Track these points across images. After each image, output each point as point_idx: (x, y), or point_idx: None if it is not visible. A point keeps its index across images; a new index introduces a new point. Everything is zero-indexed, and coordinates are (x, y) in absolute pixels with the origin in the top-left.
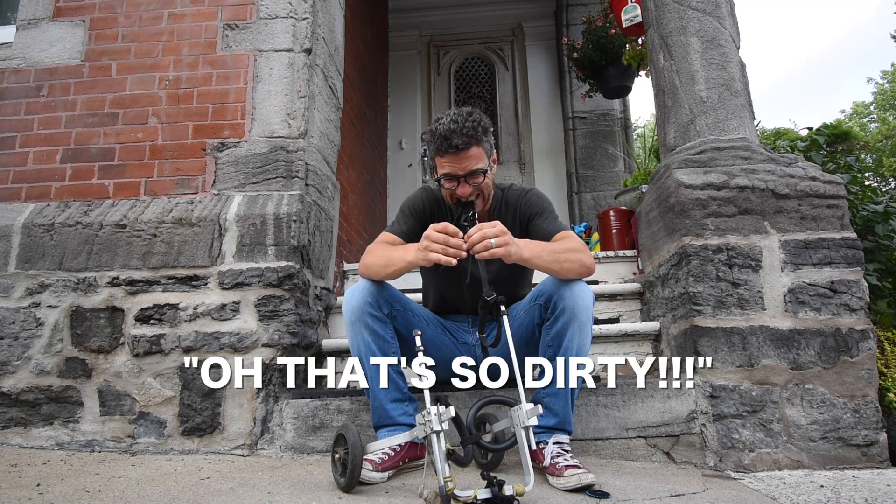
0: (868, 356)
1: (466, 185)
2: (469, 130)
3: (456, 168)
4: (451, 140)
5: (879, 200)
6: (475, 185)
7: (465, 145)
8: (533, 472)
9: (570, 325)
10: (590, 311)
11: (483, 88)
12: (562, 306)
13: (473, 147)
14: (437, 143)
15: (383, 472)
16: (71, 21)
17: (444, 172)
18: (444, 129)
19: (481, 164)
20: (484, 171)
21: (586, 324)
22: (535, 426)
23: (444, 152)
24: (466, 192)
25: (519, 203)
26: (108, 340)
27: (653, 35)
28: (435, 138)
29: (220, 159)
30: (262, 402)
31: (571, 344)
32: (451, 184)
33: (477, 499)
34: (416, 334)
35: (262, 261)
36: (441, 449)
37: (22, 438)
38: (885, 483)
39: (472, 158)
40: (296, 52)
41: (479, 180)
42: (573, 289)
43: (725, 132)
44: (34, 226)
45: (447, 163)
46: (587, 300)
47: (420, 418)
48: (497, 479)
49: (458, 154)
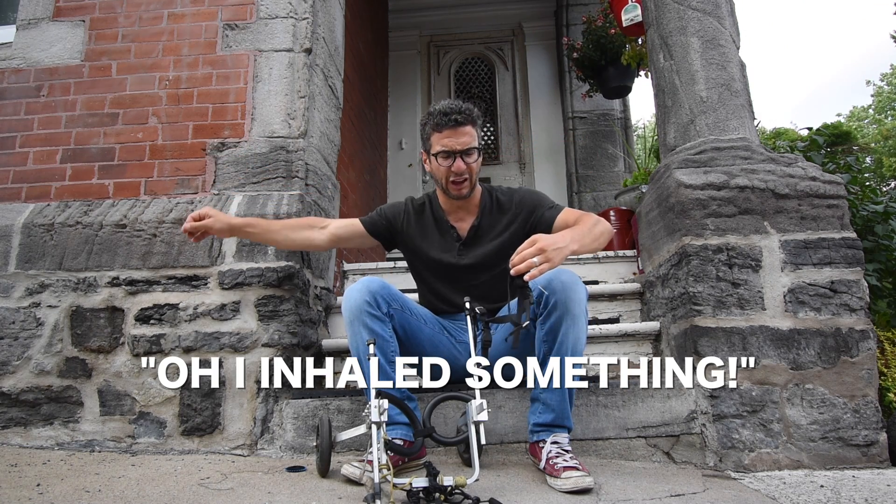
0: (868, 356)
1: (462, 162)
2: (466, 110)
3: (454, 143)
4: (450, 115)
5: (879, 200)
6: (469, 164)
7: (463, 120)
8: (479, 467)
9: (563, 320)
10: (583, 305)
11: (483, 88)
12: (553, 301)
13: (469, 125)
14: (436, 119)
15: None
16: (71, 21)
17: (441, 149)
18: (443, 107)
19: (475, 144)
20: (478, 149)
21: (580, 317)
22: (533, 423)
23: (443, 126)
24: (461, 168)
25: (513, 202)
26: (108, 340)
27: (653, 35)
28: (433, 116)
29: (220, 159)
30: (262, 402)
31: (566, 339)
32: (447, 160)
33: (412, 486)
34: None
35: (262, 261)
36: (379, 439)
37: (22, 438)
38: (885, 483)
39: (468, 135)
40: (296, 52)
41: (473, 158)
42: (564, 283)
43: (725, 132)
44: (34, 226)
45: (445, 137)
46: (580, 293)
47: (364, 410)
48: (434, 469)
49: (456, 129)
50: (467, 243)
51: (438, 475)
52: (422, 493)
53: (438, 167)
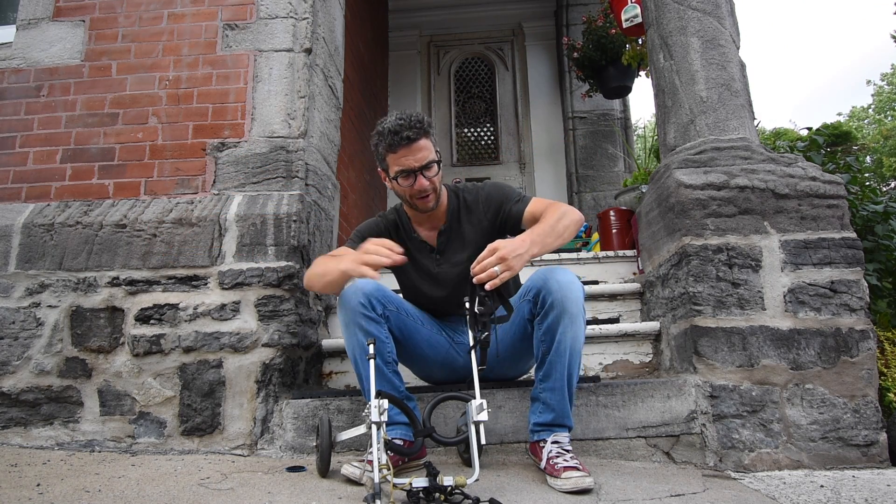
0: (868, 356)
1: (423, 178)
2: (416, 123)
3: (411, 161)
4: (401, 133)
5: (879, 200)
6: (430, 178)
7: (416, 135)
8: (479, 467)
9: (561, 319)
10: (580, 304)
11: (483, 88)
12: (551, 300)
13: (423, 139)
14: (388, 140)
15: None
16: (71, 21)
17: (400, 169)
18: (392, 125)
19: (433, 156)
20: (437, 161)
21: (578, 316)
22: (534, 423)
23: (396, 146)
24: (424, 186)
25: (480, 200)
26: (108, 340)
27: (653, 35)
28: (384, 137)
29: (220, 159)
30: (262, 402)
31: (564, 337)
32: (407, 180)
33: (412, 486)
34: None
35: (262, 261)
36: (379, 439)
37: (22, 438)
38: (885, 483)
39: (424, 149)
40: (296, 52)
41: (434, 171)
42: (561, 282)
43: (725, 132)
44: (34, 226)
45: (401, 157)
46: (577, 292)
47: (364, 410)
48: (434, 469)
49: (410, 145)
50: (441, 251)
51: (438, 475)
52: (422, 493)
53: (400, 187)
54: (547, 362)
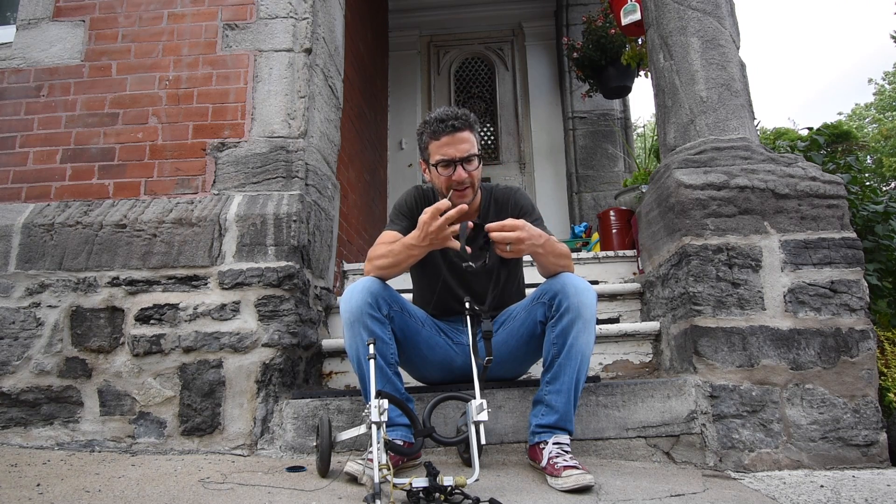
0: (868, 356)
1: (463, 170)
2: (462, 115)
3: (453, 150)
4: (447, 121)
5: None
6: (470, 172)
7: (461, 126)
8: (479, 467)
9: (574, 323)
10: (593, 310)
11: (483, 88)
12: (566, 304)
13: (467, 131)
14: (433, 127)
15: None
16: (71, 21)
17: (440, 158)
18: (439, 114)
19: (475, 150)
20: (478, 156)
21: (590, 322)
22: (535, 425)
23: (440, 133)
24: (462, 177)
25: (510, 203)
26: (108, 340)
27: (653, 35)
28: (430, 124)
29: (220, 159)
30: (262, 402)
31: (577, 341)
32: (447, 169)
33: (412, 486)
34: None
35: (262, 261)
36: (379, 439)
37: (22, 438)
38: (885, 483)
39: (467, 142)
40: (296, 52)
41: (474, 165)
42: (578, 287)
43: (725, 132)
44: (34, 226)
45: (444, 146)
46: (591, 298)
47: (364, 410)
48: (434, 469)
49: (454, 135)
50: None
51: (438, 475)
52: (422, 493)
53: (439, 177)
54: (556, 365)
